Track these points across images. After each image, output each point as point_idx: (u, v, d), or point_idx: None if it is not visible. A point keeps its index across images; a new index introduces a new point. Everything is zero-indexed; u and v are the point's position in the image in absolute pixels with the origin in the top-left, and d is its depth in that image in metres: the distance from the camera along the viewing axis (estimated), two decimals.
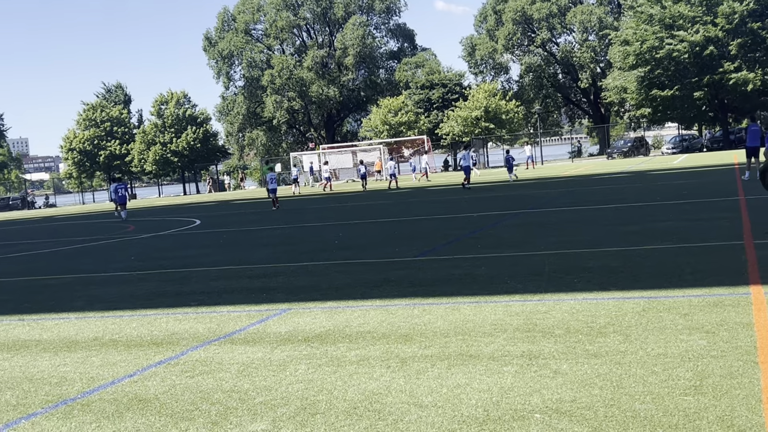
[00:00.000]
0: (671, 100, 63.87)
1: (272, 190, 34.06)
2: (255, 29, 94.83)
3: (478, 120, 72.90)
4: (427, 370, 6.25)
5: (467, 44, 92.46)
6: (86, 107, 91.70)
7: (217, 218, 30.56)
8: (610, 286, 9.08)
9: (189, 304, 10.38)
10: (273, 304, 9.83)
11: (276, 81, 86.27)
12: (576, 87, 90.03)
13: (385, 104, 77.40)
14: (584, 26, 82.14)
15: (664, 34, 61.44)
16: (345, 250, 15.20)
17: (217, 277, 12.89)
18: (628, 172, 39.33)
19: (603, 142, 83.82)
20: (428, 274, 11.28)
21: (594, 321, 7.39)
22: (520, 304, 8.48)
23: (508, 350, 6.63)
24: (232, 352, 7.50)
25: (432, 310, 8.60)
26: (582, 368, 5.91)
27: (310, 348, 7.37)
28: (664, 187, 25.81)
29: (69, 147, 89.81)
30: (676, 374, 5.57)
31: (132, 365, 7.33)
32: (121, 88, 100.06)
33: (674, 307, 7.69)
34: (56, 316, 10.40)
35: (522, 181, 39.27)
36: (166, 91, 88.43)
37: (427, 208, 26.08)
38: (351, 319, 8.50)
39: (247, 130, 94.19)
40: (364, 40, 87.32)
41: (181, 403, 5.97)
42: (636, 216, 17.00)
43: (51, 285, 13.81)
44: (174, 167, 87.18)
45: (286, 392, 6.00)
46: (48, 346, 8.56)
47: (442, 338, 7.28)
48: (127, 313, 10.15)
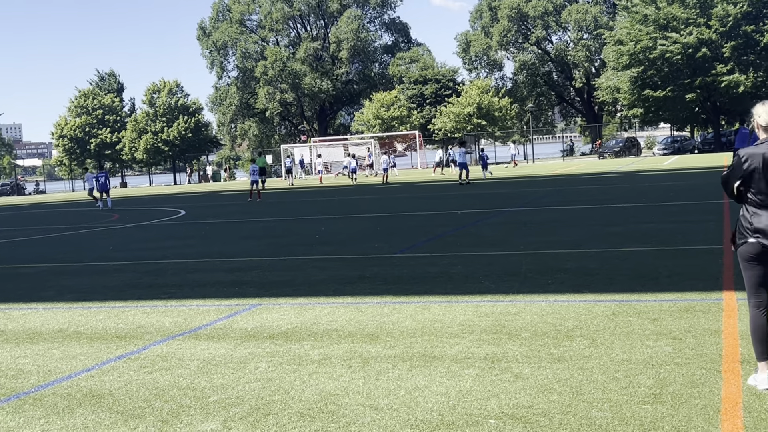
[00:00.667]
0: (663, 101, 63.85)
1: (254, 181, 34.56)
2: (250, 20, 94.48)
3: (470, 116, 72.77)
4: (388, 371, 6.13)
5: (462, 40, 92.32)
6: (78, 94, 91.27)
7: (203, 209, 30.39)
8: (584, 288, 8.98)
9: (159, 297, 10.25)
10: (244, 299, 9.71)
11: (269, 72, 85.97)
12: (570, 86, 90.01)
13: (378, 98, 77.20)
14: (579, 25, 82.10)
15: (658, 35, 61.40)
16: (325, 245, 15.07)
17: (193, 270, 12.75)
18: (618, 172, 39.28)
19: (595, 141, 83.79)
20: (404, 271, 11.17)
21: (562, 324, 7.29)
22: (491, 305, 8.37)
23: (472, 352, 6.52)
24: (194, 347, 7.37)
25: (402, 309, 8.49)
26: (544, 373, 5.81)
27: (274, 345, 7.25)
28: (651, 188, 25.74)
29: (60, 134, 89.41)
30: (637, 381, 5.46)
31: (91, 359, 7.20)
32: (113, 76, 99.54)
33: (644, 311, 7.59)
34: (24, 306, 10.26)
35: (505, 179, 39.19)
36: (159, 80, 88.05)
37: (413, 204, 25.97)
38: (319, 317, 8.38)
39: (240, 121, 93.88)
40: (359, 33, 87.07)
41: (135, 399, 5.85)
42: (620, 217, 16.93)
43: (24, 274, 13.66)
44: (165, 156, 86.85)
45: (242, 391, 5.88)
46: (11, 336, 8.42)
47: (408, 338, 7.17)
48: (95, 305, 10.02)
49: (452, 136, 74.48)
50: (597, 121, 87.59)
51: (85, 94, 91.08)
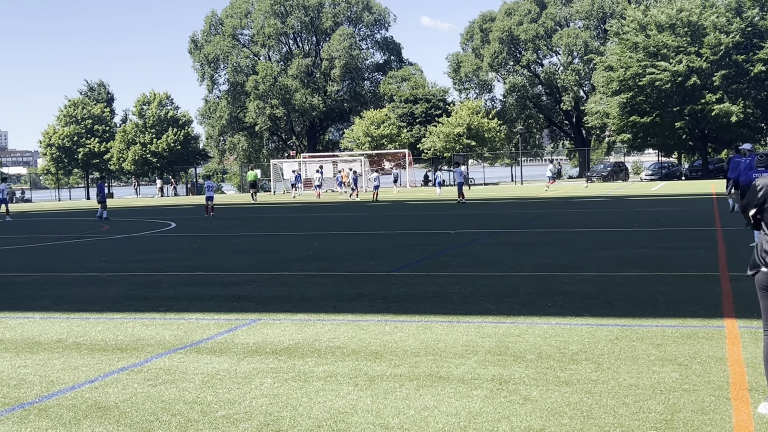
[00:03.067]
0: (652, 127, 64.25)
1: (209, 197, 34.50)
2: (242, 34, 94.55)
3: (460, 136, 72.98)
4: (396, 390, 6.13)
5: (453, 61, 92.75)
6: (68, 103, 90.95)
7: (193, 222, 30.29)
8: (584, 311, 9.01)
9: (157, 310, 10.20)
10: (242, 314, 9.68)
11: (260, 87, 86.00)
12: (559, 109, 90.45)
13: (368, 116, 77.33)
14: (570, 49, 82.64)
15: (647, 62, 61.86)
16: (320, 261, 15.05)
17: (187, 283, 12.71)
18: (607, 196, 39.46)
19: (583, 165, 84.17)
20: (402, 290, 11.16)
21: (566, 347, 7.31)
22: (493, 326, 8.38)
23: (478, 373, 6.52)
24: (197, 361, 7.34)
25: (404, 328, 8.48)
26: (552, 396, 5.82)
27: (278, 361, 7.23)
28: (642, 213, 25.86)
29: (48, 142, 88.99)
30: (647, 407, 5.48)
31: (94, 370, 7.15)
32: (103, 86, 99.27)
33: (647, 336, 7.62)
34: (21, 315, 10.19)
35: (493, 200, 39.32)
36: (149, 91, 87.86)
37: (405, 222, 25.99)
38: (321, 333, 8.37)
39: (229, 134, 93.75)
40: (351, 51, 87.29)
41: (141, 412, 5.82)
42: (613, 241, 16.99)
43: (18, 282, 13.57)
44: (153, 168, 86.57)
45: (250, 406, 5.86)
46: (9, 345, 8.36)
47: (413, 357, 7.17)
48: (93, 316, 9.96)
49: (441, 155, 74.66)
50: (585, 144, 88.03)
51: (75, 103, 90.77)
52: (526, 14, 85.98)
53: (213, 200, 35.26)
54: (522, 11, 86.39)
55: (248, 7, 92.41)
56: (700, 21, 61.16)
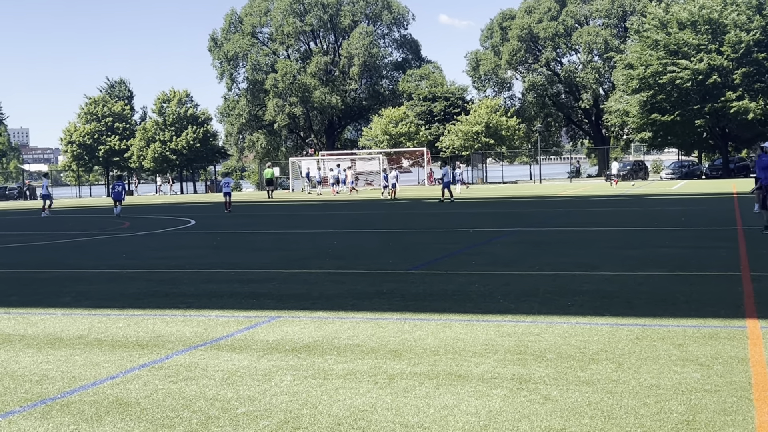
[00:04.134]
0: (672, 126, 63.90)
1: (227, 193, 35.80)
2: (261, 32, 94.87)
3: (478, 135, 72.91)
4: (415, 389, 6.13)
5: (472, 59, 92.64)
6: (89, 101, 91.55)
7: (212, 219, 30.42)
8: (605, 311, 8.97)
9: (177, 306, 10.25)
10: (262, 311, 9.71)
11: (279, 85, 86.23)
12: (578, 107, 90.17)
13: (386, 114, 77.40)
14: (589, 47, 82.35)
15: (668, 61, 61.50)
16: (338, 259, 15.08)
17: (207, 280, 12.76)
18: (626, 195, 39.28)
19: (602, 163, 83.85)
20: (421, 288, 11.16)
21: (587, 347, 7.28)
22: (513, 325, 8.36)
23: (498, 372, 6.51)
24: (217, 358, 7.37)
25: (423, 326, 8.48)
26: (573, 395, 5.80)
27: (297, 358, 7.25)
28: (662, 212, 25.73)
29: (69, 140, 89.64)
30: (668, 407, 5.45)
31: (115, 366, 7.20)
32: (123, 84, 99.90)
33: (668, 336, 7.58)
34: (43, 311, 10.26)
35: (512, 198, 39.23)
36: (169, 89, 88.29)
37: (424, 220, 25.98)
38: (340, 331, 8.38)
39: (248, 132, 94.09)
40: (370, 49, 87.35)
41: (162, 409, 5.84)
42: (633, 240, 16.92)
43: (40, 279, 13.67)
44: (172, 165, 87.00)
45: (270, 404, 5.88)
46: (32, 341, 8.42)
47: (432, 356, 7.17)
48: (114, 312, 10.02)
49: (460, 153, 74.61)
50: (604, 143, 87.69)
51: (96, 101, 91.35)
52: (546, 12, 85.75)
53: (231, 197, 36.17)
54: (542, 9, 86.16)
55: (268, 5, 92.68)
56: (720, 19, 60.76)
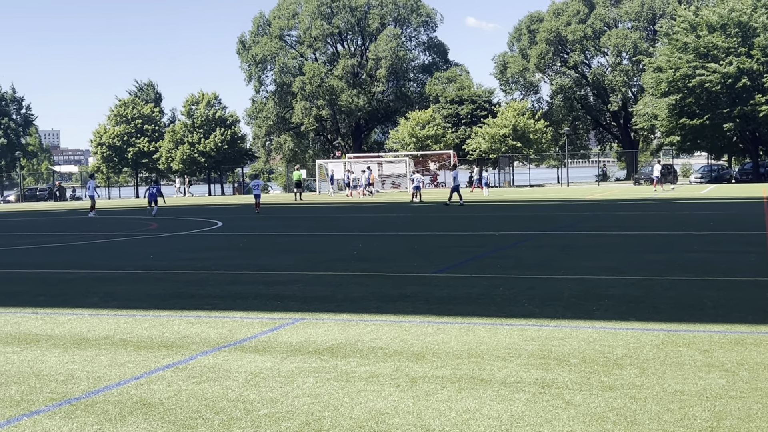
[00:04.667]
0: (701, 129, 63.32)
1: (256, 195, 38.08)
2: (289, 35, 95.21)
3: (505, 138, 72.69)
4: (437, 392, 6.12)
5: (499, 61, 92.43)
6: (118, 103, 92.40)
7: (239, 221, 30.57)
8: (630, 316, 8.91)
9: (203, 308, 10.31)
10: (286, 313, 9.74)
11: (306, 88, 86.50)
12: (606, 110, 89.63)
13: (413, 117, 77.38)
14: (618, 50, 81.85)
15: (697, 64, 60.97)
16: (363, 262, 15.09)
17: (233, 282, 12.83)
18: (655, 199, 38.98)
19: (631, 167, 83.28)
20: (445, 291, 11.15)
21: (611, 351, 7.23)
22: (536, 329, 8.33)
23: (521, 376, 6.49)
24: (241, 359, 7.41)
25: (446, 329, 8.47)
26: (596, 400, 5.76)
27: (320, 361, 7.27)
28: (690, 216, 25.51)
29: (99, 141, 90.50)
30: (692, 413, 5.40)
31: (140, 367, 7.26)
32: (152, 86, 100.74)
33: (694, 342, 7.51)
34: (69, 312, 10.37)
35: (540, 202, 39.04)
36: (197, 91, 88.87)
37: (448, 223, 25.94)
38: (363, 334, 8.39)
39: (275, 134, 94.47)
40: (397, 52, 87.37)
41: (186, 409, 5.88)
42: (660, 245, 16.78)
43: (68, 279, 13.81)
44: (200, 167, 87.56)
45: (292, 405, 5.89)
46: (58, 341, 8.51)
47: (455, 359, 7.15)
48: (140, 313, 10.10)
49: (487, 156, 74.40)
50: (633, 146, 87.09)
51: (125, 103, 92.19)
52: (575, 15, 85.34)
53: (260, 198, 38.36)
54: (570, 12, 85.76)
55: (296, 8, 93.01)
56: (750, 22, 60.15)
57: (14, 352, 8.08)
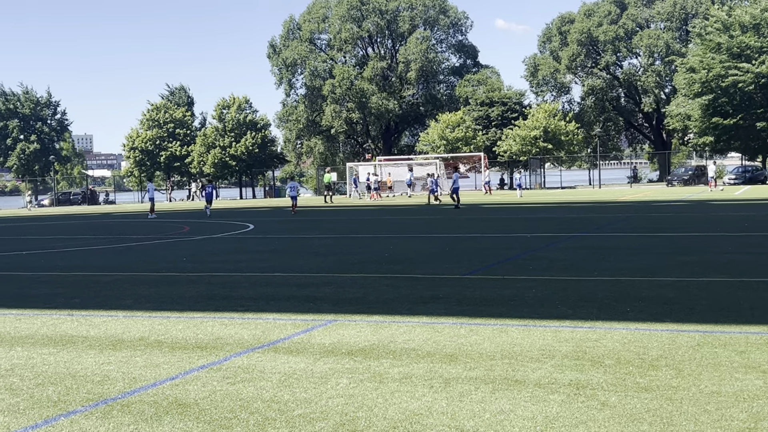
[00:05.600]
0: (735, 130, 62.62)
1: (293, 197, 40.30)
2: (319, 39, 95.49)
3: (536, 140, 72.38)
4: (471, 393, 6.11)
5: (530, 63, 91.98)
6: (150, 107, 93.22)
7: (271, 224, 30.71)
8: (665, 317, 8.83)
9: (236, 309, 10.37)
10: (319, 315, 9.77)
11: (336, 91, 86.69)
12: (638, 111, 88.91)
13: (443, 119, 77.28)
14: (650, 50, 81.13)
15: (730, 63, 60.32)
16: (394, 264, 15.09)
17: (266, 284, 12.89)
18: (688, 200, 38.61)
19: (663, 168, 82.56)
20: (477, 293, 11.12)
21: (646, 353, 7.18)
22: (570, 331, 8.28)
23: (555, 378, 6.46)
24: (274, 360, 7.44)
25: (479, 331, 8.45)
26: (631, 402, 5.72)
27: (353, 362, 7.28)
28: (724, 218, 25.23)
29: (131, 146, 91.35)
30: (729, 414, 5.35)
31: (175, 368, 7.32)
32: (184, 90, 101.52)
33: (730, 343, 7.44)
34: (104, 314, 10.48)
35: (572, 203, 38.81)
36: (229, 95, 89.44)
37: (480, 225, 25.87)
38: (396, 335, 8.39)
39: (306, 137, 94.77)
40: (427, 54, 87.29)
41: (221, 410, 5.92)
42: (694, 246, 16.62)
43: (102, 282, 13.95)
44: (232, 171, 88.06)
45: (326, 406, 5.91)
46: (94, 343, 8.61)
47: (488, 360, 7.13)
48: (174, 315, 10.18)
49: (518, 158, 74.13)
50: (665, 148, 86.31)
51: (157, 107, 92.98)
52: (606, 15, 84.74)
53: (296, 200, 40.42)
54: (602, 12, 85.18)
55: (326, 12, 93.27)
56: None
57: (51, 353, 8.18)
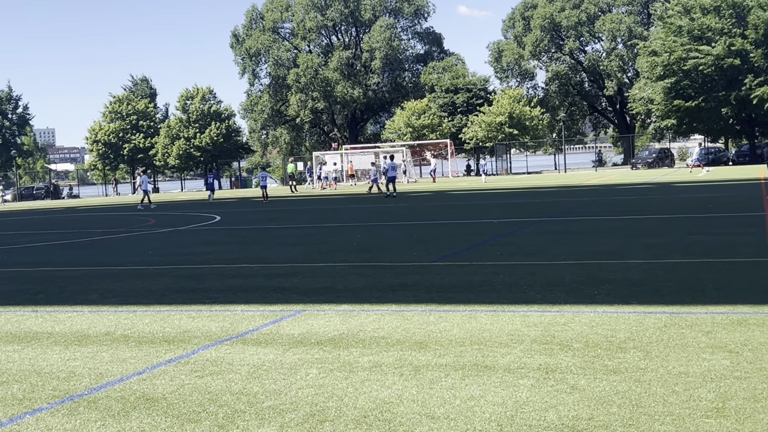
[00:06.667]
0: (697, 112, 63.27)
1: (263, 186, 43.43)
2: (283, 28, 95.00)
3: (501, 125, 72.62)
4: (441, 380, 6.10)
5: (494, 49, 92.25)
6: (113, 100, 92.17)
7: (238, 215, 30.54)
8: (632, 299, 8.89)
9: (203, 302, 10.28)
10: (287, 305, 9.72)
11: (301, 80, 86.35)
12: (602, 96, 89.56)
13: (409, 107, 77.28)
14: (613, 35, 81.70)
15: (691, 46, 60.89)
16: (363, 252, 15.06)
17: (233, 275, 12.80)
18: (653, 183, 38.97)
19: (628, 152, 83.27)
20: (446, 279, 11.13)
21: (614, 335, 7.22)
22: (539, 315, 8.31)
23: (524, 362, 6.47)
24: (243, 352, 7.38)
25: (448, 318, 8.45)
26: (600, 384, 5.75)
27: (323, 352, 7.25)
28: (689, 199, 25.50)
29: (94, 139, 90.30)
30: (697, 395, 5.39)
31: (142, 362, 7.23)
32: (146, 82, 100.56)
33: (697, 323, 7.50)
34: (70, 309, 10.34)
35: (533, 188, 39.02)
36: (192, 86, 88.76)
37: (447, 212, 25.92)
38: (365, 324, 8.37)
39: (271, 128, 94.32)
40: (391, 42, 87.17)
41: (189, 404, 5.86)
42: (659, 228, 16.77)
43: (67, 277, 13.78)
44: (197, 162, 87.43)
45: (296, 397, 5.87)
46: (59, 339, 8.48)
47: (458, 347, 7.13)
48: (140, 309, 10.07)
49: (483, 145, 74.35)
50: (629, 131, 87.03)
51: (120, 99, 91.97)
52: (569, 0, 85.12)
53: (266, 189, 43.19)
54: None
55: (288, 0, 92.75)
56: (744, 1, 60.04)
57: (15, 350, 8.05)
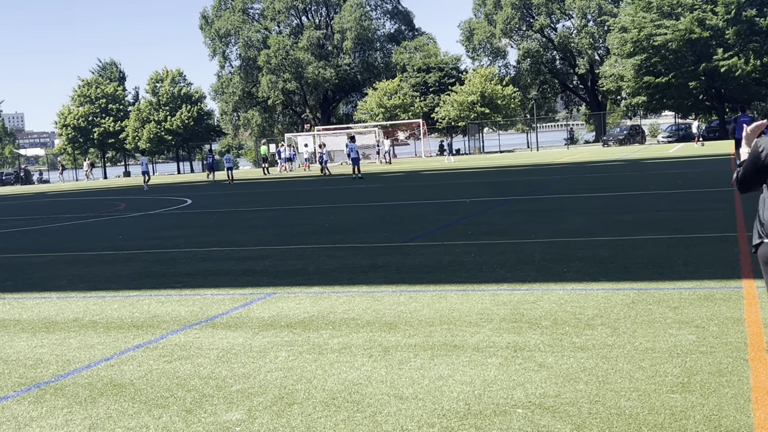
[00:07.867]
0: (667, 88, 63.58)
1: (229, 168, 44.90)
2: (252, 9, 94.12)
3: (473, 104, 72.59)
4: (410, 360, 6.10)
5: (465, 28, 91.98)
6: (81, 83, 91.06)
7: (209, 198, 30.37)
8: (600, 276, 8.95)
9: (173, 286, 10.22)
10: (258, 288, 9.68)
11: (272, 61, 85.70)
12: (573, 73, 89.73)
13: (381, 87, 77.02)
14: (583, 12, 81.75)
15: (660, 22, 61.12)
16: (334, 234, 15.03)
17: (203, 259, 12.73)
18: (623, 160, 39.19)
19: (599, 129, 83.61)
20: (417, 260, 11.13)
21: (582, 312, 7.26)
22: (508, 294, 8.34)
23: (493, 341, 6.49)
24: (212, 336, 7.35)
25: (419, 298, 8.45)
26: (568, 362, 5.78)
27: (292, 334, 7.23)
28: (658, 176, 25.67)
29: (63, 123, 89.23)
30: (663, 370, 5.43)
31: (110, 348, 7.18)
32: (115, 65, 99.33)
33: (664, 299, 7.56)
34: (38, 296, 10.24)
35: (509, 167, 39.13)
36: (162, 68, 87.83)
37: (419, 192, 25.92)
38: (336, 305, 8.35)
39: (242, 110, 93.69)
40: (362, 22, 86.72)
41: (157, 389, 5.83)
42: (629, 205, 16.87)
43: (35, 263, 13.64)
44: (168, 145, 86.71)
45: (265, 380, 5.85)
46: (27, 326, 8.40)
47: (427, 327, 7.14)
48: (109, 294, 9.99)
49: (455, 124, 74.35)
50: (600, 109, 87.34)
51: (89, 83, 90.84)
52: None
53: (233, 170, 44.95)
54: None
55: None
56: None
57: None
